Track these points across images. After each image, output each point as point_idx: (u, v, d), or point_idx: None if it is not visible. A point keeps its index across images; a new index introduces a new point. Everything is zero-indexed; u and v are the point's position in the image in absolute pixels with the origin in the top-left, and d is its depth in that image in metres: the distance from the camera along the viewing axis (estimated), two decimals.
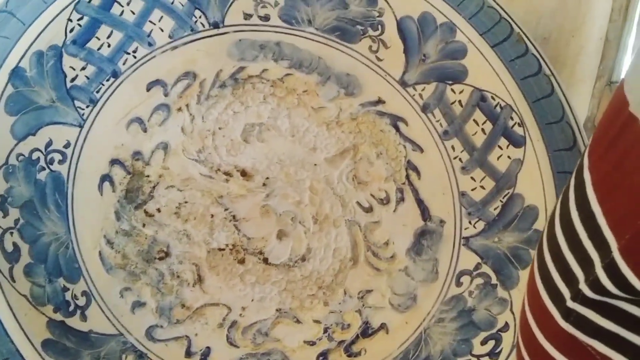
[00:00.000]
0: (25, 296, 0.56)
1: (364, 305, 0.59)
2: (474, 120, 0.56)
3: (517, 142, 0.55)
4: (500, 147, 0.55)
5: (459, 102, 0.56)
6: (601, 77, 0.64)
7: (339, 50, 0.57)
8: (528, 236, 0.55)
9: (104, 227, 0.58)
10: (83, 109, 0.57)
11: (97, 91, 0.57)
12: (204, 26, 0.56)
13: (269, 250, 0.59)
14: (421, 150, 0.57)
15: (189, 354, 0.59)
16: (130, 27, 0.56)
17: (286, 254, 0.59)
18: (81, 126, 0.57)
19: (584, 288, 0.29)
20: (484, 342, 0.57)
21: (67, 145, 0.57)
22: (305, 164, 0.58)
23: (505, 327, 0.56)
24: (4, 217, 0.56)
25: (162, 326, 0.59)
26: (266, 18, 0.56)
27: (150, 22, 0.56)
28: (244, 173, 0.58)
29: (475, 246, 0.57)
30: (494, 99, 0.55)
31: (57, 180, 0.57)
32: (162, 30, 0.56)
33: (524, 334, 0.35)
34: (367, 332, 0.59)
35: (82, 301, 0.58)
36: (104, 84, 0.57)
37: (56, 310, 0.57)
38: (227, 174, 0.58)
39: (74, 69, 0.56)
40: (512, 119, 0.55)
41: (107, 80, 0.57)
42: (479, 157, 0.56)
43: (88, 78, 0.56)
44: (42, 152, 0.56)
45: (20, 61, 0.55)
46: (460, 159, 0.56)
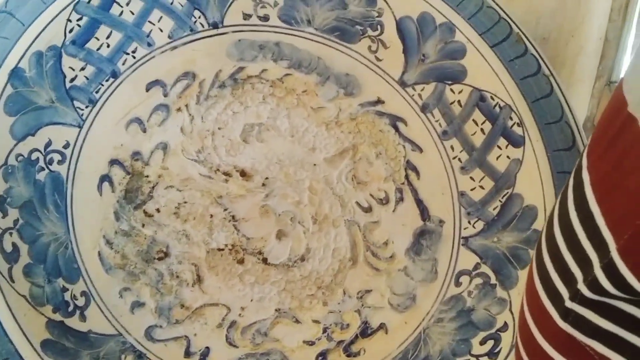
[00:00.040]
0: (24, 296, 0.56)
1: (363, 305, 0.59)
2: (473, 120, 0.56)
3: (517, 142, 0.55)
4: (500, 147, 0.55)
5: (458, 102, 0.56)
6: (600, 77, 0.64)
7: (338, 50, 0.57)
8: (527, 236, 0.55)
9: (103, 227, 0.58)
10: (82, 109, 0.57)
11: (97, 91, 0.57)
12: (203, 26, 0.56)
13: (268, 250, 0.59)
14: (420, 150, 0.57)
15: (188, 354, 0.59)
16: (130, 27, 0.56)
17: (285, 254, 0.59)
18: (80, 126, 0.57)
19: (583, 288, 0.29)
20: (483, 342, 0.57)
21: (66, 146, 0.57)
22: (304, 164, 0.58)
23: (504, 327, 0.56)
24: (3, 217, 0.56)
25: (161, 326, 0.59)
26: (265, 18, 0.56)
27: (150, 22, 0.56)
28: (243, 173, 0.58)
29: (475, 246, 0.57)
30: (493, 99, 0.55)
31: (57, 181, 0.57)
32: (161, 31, 0.56)
33: (523, 334, 0.35)
34: (366, 332, 0.59)
35: (81, 301, 0.58)
36: (103, 84, 0.57)
37: (55, 311, 0.57)
38: (226, 174, 0.58)
39: (73, 70, 0.56)
40: (512, 119, 0.55)
41: (107, 80, 0.57)
42: (478, 157, 0.56)
43: (87, 78, 0.56)
44: (42, 153, 0.56)
45: (19, 61, 0.55)
46: (460, 159, 0.56)
